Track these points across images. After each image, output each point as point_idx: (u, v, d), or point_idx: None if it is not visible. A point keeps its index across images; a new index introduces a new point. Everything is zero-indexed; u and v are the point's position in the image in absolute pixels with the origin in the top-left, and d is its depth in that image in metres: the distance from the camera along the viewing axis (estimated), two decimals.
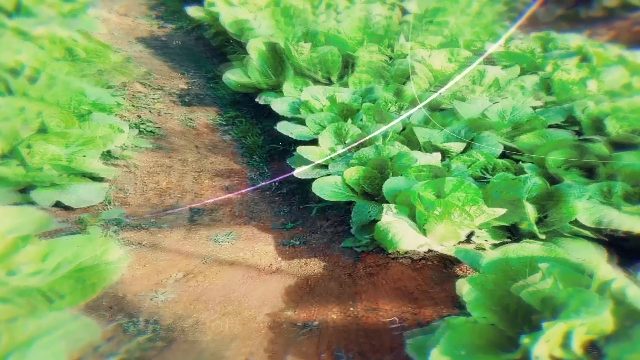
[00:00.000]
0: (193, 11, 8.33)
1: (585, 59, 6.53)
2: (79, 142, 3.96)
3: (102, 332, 2.46)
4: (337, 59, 5.84)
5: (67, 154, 3.91)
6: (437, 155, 3.92)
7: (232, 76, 5.90)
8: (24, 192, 3.61)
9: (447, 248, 3.16)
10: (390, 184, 3.44)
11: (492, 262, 2.45)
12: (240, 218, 3.88)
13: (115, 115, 4.98)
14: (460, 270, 3.14)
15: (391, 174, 3.64)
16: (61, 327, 2.09)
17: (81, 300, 2.39)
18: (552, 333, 1.93)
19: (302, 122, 4.82)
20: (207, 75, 7.04)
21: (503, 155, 4.08)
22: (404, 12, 9.21)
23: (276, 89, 5.74)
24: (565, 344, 1.96)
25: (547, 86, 5.63)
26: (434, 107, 5.07)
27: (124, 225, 3.55)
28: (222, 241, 3.49)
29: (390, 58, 6.34)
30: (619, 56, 6.76)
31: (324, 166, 4.05)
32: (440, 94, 5.10)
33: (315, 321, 2.70)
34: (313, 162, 4.05)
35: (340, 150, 4.16)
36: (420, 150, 4.10)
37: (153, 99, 5.96)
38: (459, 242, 3.22)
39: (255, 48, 6.00)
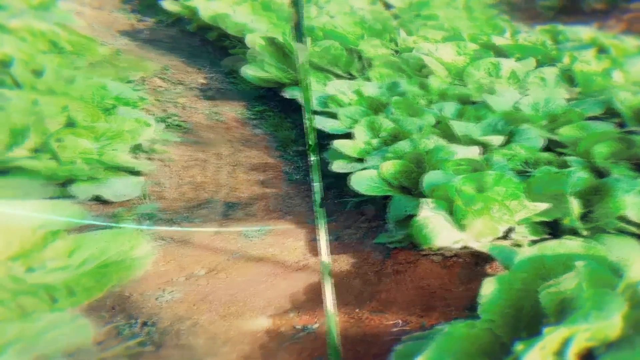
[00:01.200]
0: (169, 5, 8.17)
1: (602, 50, 6.40)
2: (107, 136, 3.91)
3: (96, 335, 2.34)
4: (340, 52, 5.83)
5: (98, 148, 3.86)
6: (476, 149, 3.79)
7: (250, 71, 5.81)
8: (62, 186, 3.58)
9: (482, 245, 3.03)
10: (430, 178, 3.32)
11: (525, 259, 2.21)
12: (274, 213, 3.80)
13: (140, 109, 4.93)
14: (491, 268, 3.01)
15: (428, 167, 3.53)
16: (52, 330, 2.01)
17: (86, 299, 2.32)
18: (551, 339, 1.69)
19: (331, 115, 4.74)
20: (221, 69, 6.89)
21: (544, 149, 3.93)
22: (387, 6, 9.08)
23: (298, 84, 5.68)
24: (561, 351, 1.71)
25: (568, 78, 5.49)
26: (464, 101, 4.97)
27: (158, 219, 3.50)
28: (252, 236, 3.41)
29: (396, 52, 6.31)
30: (638, 47, 6.62)
31: (359, 160, 3.96)
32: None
33: (316, 324, 2.58)
34: (349, 156, 4.01)
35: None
36: (456, 143, 3.97)
37: (175, 93, 5.91)
38: (496, 239, 3.09)
39: (256, 43, 5.98)
